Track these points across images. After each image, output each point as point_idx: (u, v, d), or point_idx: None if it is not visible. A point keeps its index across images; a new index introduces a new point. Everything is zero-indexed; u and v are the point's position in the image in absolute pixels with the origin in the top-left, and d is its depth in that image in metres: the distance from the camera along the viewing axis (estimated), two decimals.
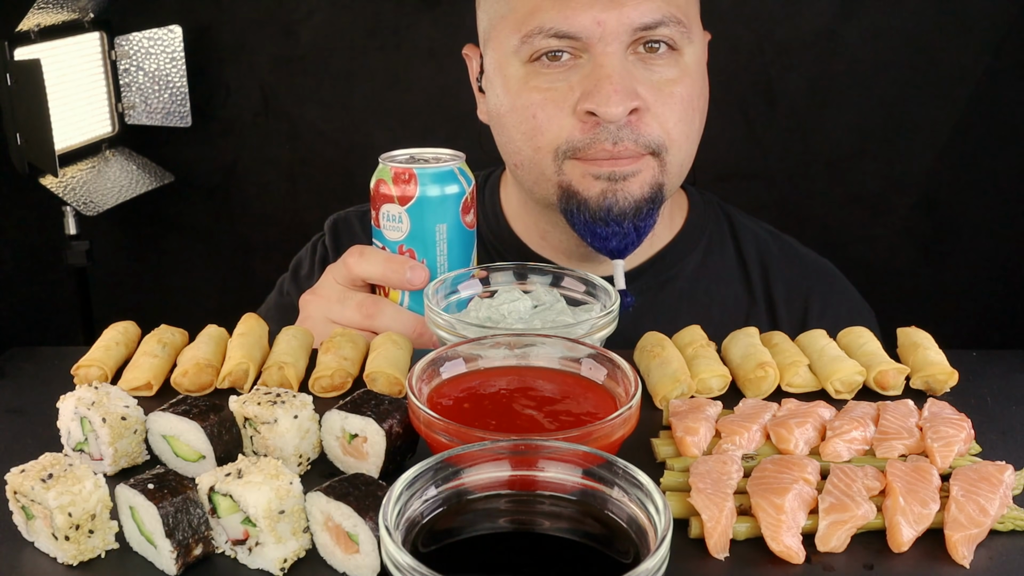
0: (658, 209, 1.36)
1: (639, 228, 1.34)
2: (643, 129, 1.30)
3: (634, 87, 1.29)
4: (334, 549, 0.82)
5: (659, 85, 1.31)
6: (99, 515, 0.84)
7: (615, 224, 1.32)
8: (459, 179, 1.22)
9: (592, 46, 1.28)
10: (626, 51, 1.29)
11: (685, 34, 1.31)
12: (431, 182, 1.19)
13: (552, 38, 1.29)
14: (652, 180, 1.33)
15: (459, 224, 1.22)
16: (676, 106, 1.32)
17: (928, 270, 2.75)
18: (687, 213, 1.54)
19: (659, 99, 1.31)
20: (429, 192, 1.19)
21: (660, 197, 1.35)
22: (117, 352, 1.14)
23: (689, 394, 1.07)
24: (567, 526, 0.78)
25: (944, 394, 1.08)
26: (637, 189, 1.32)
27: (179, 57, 2.56)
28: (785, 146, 2.69)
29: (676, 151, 1.34)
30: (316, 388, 1.09)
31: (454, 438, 0.83)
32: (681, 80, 1.32)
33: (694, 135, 1.37)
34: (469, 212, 1.23)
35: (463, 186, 1.22)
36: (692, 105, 1.34)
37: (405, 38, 2.65)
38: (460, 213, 1.22)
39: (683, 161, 1.36)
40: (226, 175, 2.83)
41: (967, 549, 0.84)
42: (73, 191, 2.42)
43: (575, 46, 1.29)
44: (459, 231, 1.23)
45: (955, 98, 2.59)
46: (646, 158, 1.32)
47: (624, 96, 1.27)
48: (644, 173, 1.32)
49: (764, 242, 1.55)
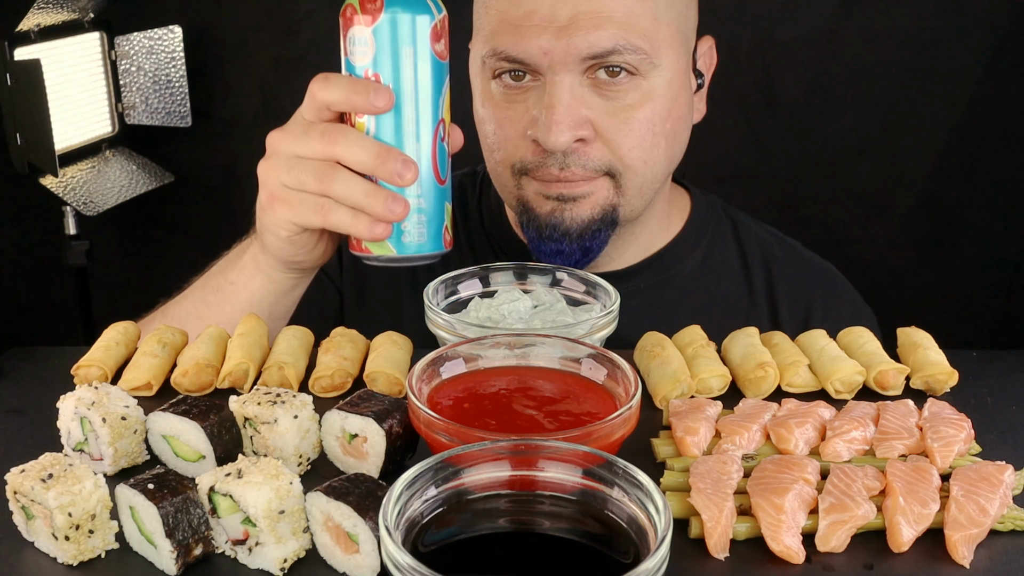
0: (612, 229, 1.35)
1: (585, 248, 1.34)
2: (591, 155, 1.29)
3: (582, 115, 1.27)
4: (334, 549, 0.82)
5: (615, 111, 1.29)
6: (99, 515, 0.84)
7: (559, 242, 1.33)
8: (429, 4, 1.15)
9: (543, 73, 1.28)
10: (582, 76, 1.28)
11: (645, 59, 1.28)
12: (399, 2, 1.14)
13: (505, 61, 1.30)
14: (605, 202, 1.33)
15: (428, 51, 1.15)
16: (633, 131, 1.30)
17: (928, 270, 2.75)
18: (688, 215, 1.54)
19: (613, 125, 1.29)
20: (396, 12, 1.14)
21: (614, 218, 1.34)
22: (117, 352, 1.14)
23: (689, 394, 1.07)
24: (567, 526, 0.78)
25: (944, 394, 1.08)
26: (587, 211, 1.32)
27: (179, 57, 2.57)
28: (785, 146, 2.69)
29: (633, 175, 1.32)
30: (316, 388, 1.09)
31: (454, 438, 0.83)
32: (642, 105, 1.30)
33: (658, 158, 1.34)
34: (439, 41, 1.17)
35: (433, 12, 1.15)
36: (655, 129, 1.31)
37: None
38: (430, 39, 1.15)
39: (644, 184, 1.34)
40: (226, 175, 2.83)
41: (967, 549, 0.84)
42: (73, 191, 2.42)
43: (530, 69, 1.29)
44: (429, 58, 1.16)
45: (955, 98, 2.59)
46: (600, 179, 1.31)
47: (567, 127, 1.26)
48: (597, 195, 1.32)
49: (767, 244, 1.55)
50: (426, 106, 1.15)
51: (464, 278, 1.19)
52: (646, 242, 1.48)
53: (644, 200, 1.37)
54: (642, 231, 1.46)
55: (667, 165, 1.37)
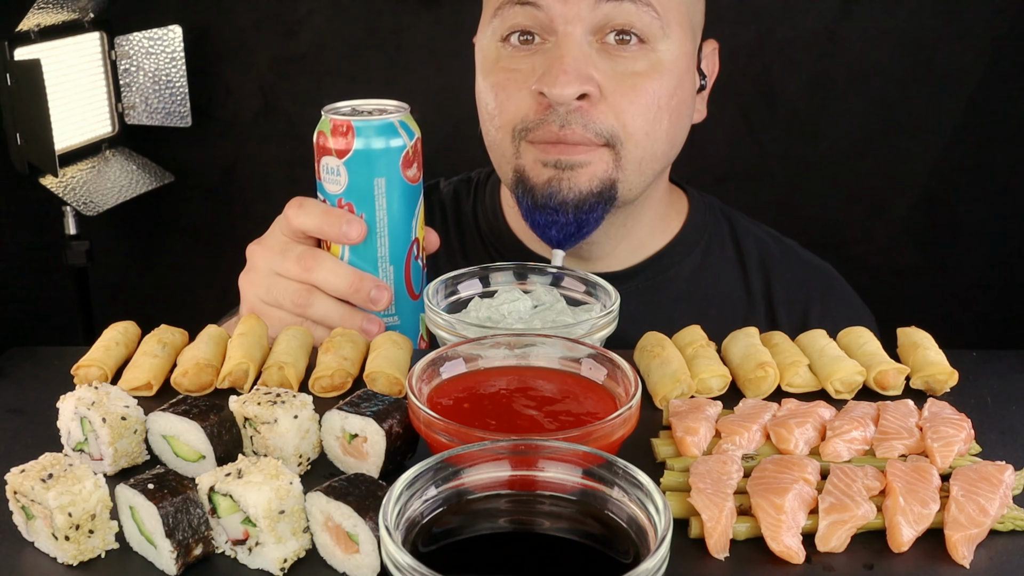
0: (609, 206, 1.33)
1: (581, 220, 1.32)
2: (594, 116, 1.28)
3: (589, 72, 1.27)
4: (334, 549, 0.82)
5: (623, 76, 1.29)
6: (99, 515, 0.84)
7: (556, 212, 1.31)
8: (400, 132, 1.18)
9: (556, 26, 1.28)
10: (591, 39, 1.28)
11: (656, 23, 1.28)
12: (369, 135, 1.17)
13: (517, 6, 1.29)
14: (603, 174, 1.31)
15: (399, 178, 1.18)
16: (638, 99, 1.29)
17: (928, 270, 2.75)
18: (686, 216, 1.53)
19: (619, 89, 1.28)
20: (366, 145, 1.17)
21: (612, 194, 1.32)
22: (117, 352, 1.14)
23: (689, 394, 1.07)
24: (567, 526, 0.78)
25: (944, 394, 1.08)
26: (585, 182, 1.30)
27: (179, 57, 2.56)
28: (785, 146, 2.69)
29: (633, 146, 1.31)
30: (316, 388, 1.09)
31: (454, 438, 0.83)
32: (649, 75, 1.29)
33: (660, 134, 1.32)
34: (411, 166, 1.19)
35: (404, 139, 1.18)
36: (659, 103, 1.30)
37: (405, 38, 2.65)
38: (400, 167, 1.18)
39: (643, 158, 1.32)
40: (226, 175, 2.83)
41: (967, 549, 0.84)
42: (73, 191, 2.42)
43: (541, 23, 1.29)
44: (400, 185, 1.19)
45: (955, 98, 2.59)
46: (599, 150, 1.29)
47: (573, 78, 1.25)
48: (595, 166, 1.30)
49: (765, 245, 1.54)
50: (398, 231, 1.20)
51: (464, 278, 1.19)
52: (639, 241, 1.47)
53: (643, 179, 1.35)
54: (635, 226, 1.45)
55: (667, 145, 1.35)
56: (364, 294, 1.17)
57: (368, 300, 1.17)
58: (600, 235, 1.40)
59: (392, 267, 1.20)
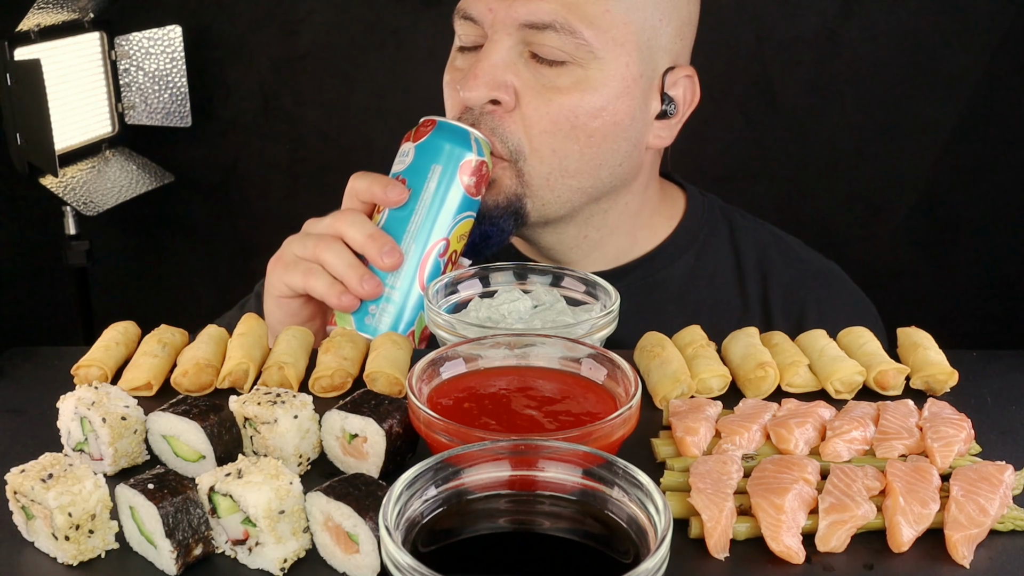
0: (518, 222, 1.34)
1: (485, 234, 1.33)
2: (505, 124, 1.29)
3: (504, 79, 1.28)
4: (334, 549, 0.82)
5: (542, 88, 1.29)
6: (99, 515, 0.84)
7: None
8: (472, 144, 1.25)
9: (487, 35, 1.31)
10: (521, 49, 1.29)
11: (583, 47, 1.26)
12: (446, 131, 1.26)
13: (463, 20, 1.34)
14: (509, 191, 1.32)
15: (455, 176, 1.24)
16: (551, 114, 1.28)
17: (928, 270, 2.75)
18: (682, 216, 1.52)
19: (534, 101, 1.28)
20: (439, 138, 1.25)
21: (519, 209, 1.33)
22: (117, 352, 1.14)
23: (689, 394, 1.07)
24: (567, 526, 0.78)
25: (944, 394, 1.08)
26: (491, 199, 1.32)
27: (179, 57, 2.57)
28: (785, 146, 2.69)
29: (538, 161, 1.30)
30: (316, 388, 1.09)
31: (454, 438, 0.83)
32: (569, 91, 1.28)
33: (571, 153, 1.30)
34: (472, 176, 1.25)
35: (474, 152, 1.25)
36: (575, 120, 1.29)
37: (405, 38, 2.65)
38: (460, 169, 1.24)
39: (550, 175, 1.31)
40: (226, 175, 2.83)
41: (967, 549, 0.84)
42: (73, 191, 2.42)
43: (480, 34, 1.32)
44: (453, 182, 1.24)
45: (955, 98, 2.59)
46: (503, 165, 1.31)
47: (484, 83, 1.27)
48: (500, 181, 1.32)
49: (765, 247, 1.52)
50: (435, 219, 1.25)
51: (464, 278, 1.19)
52: (617, 250, 1.46)
53: (557, 198, 1.34)
54: (604, 239, 1.44)
55: (584, 165, 1.33)
56: (377, 247, 1.21)
57: (379, 254, 1.21)
58: (553, 241, 1.42)
59: (415, 246, 1.23)
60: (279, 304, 1.28)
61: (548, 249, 1.45)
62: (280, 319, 1.29)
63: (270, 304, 1.30)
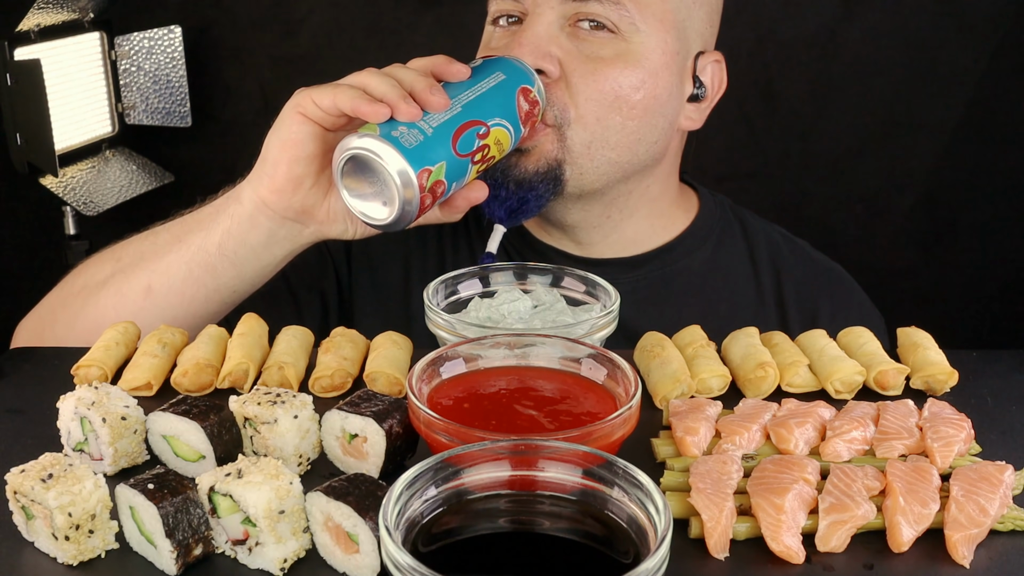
0: (555, 188, 1.34)
1: (522, 198, 1.33)
2: (549, 91, 1.29)
3: (549, 50, 1.29)
4: (334, 549, 0.82)
5: (586, 59, 1.30)
6: (99, 515, 0.84)
7: (498, 187, 1.33)
8: (535, 83, 1.25)
9: (528, 9, 1.31)
10: (563, 22, 1.30)
11: (627, 18, 1.29)
12: (515, 62, 1.26)
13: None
14: (549, 155, 1.32)
15: (513, 91, 1.23)
16: (596, 84, 1.30)
17: (928, 270, 2.75)
18: (696, 212, 1.53)
19: (578, 71, 1.30)
20: (510, 62, 1.25)
21: (558, 176, 1.33)
22: (117, 352, 1.14)
23: (689, 394, 1.07)
24: (567, 526, 0.78)
25: (944, 394, 1.08)
26: (532, 164, 1.32)
27: (179, 57, 2.56)
28: (785, 146, 2.69)
29: (581, 128, 1.31)
30: (316, 388, 1.09)
31: (454, 438, 0.83)
32: (613, 62, 1.30)
33: (613, 124, 1.32)
34: (527, 105, 1.24)
35: (535, 90, 1.25)
36: (620, 90, 1.30)
37: (405, 38, 2.65)
38: (519, 91, 1.24)
39: (592, 143, 1.32)
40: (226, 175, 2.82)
41: (967, 549, 0.84)
42: (73, 191, 2.42)
43: (522, 9, 1.33)
44: (510, 94, 1.23)
45: (955, 98, 2.59)
46: (546, 131, 1.31)
47: (529, 51, 1.27)
48: (542, 147, 1.32)
49: (776, 245, 1.54)
50: (484, 102, 1.21)
51: (464, 278, 1.19)
52: (635, 235, 1.46)
53: (595, 169, 1.35)
54: (624, 221, 1.45)
55: (623, 139, 1.34)
56: (427, 84, 1.15)
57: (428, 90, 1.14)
58: (579, 219, 1.42)
59: (460, 110, 1.19)
60: (299, 121, 1.23)
61: (572, 227, 1.44)
62: (289, 138, 1.25)
63: (286, 120, 1.25)
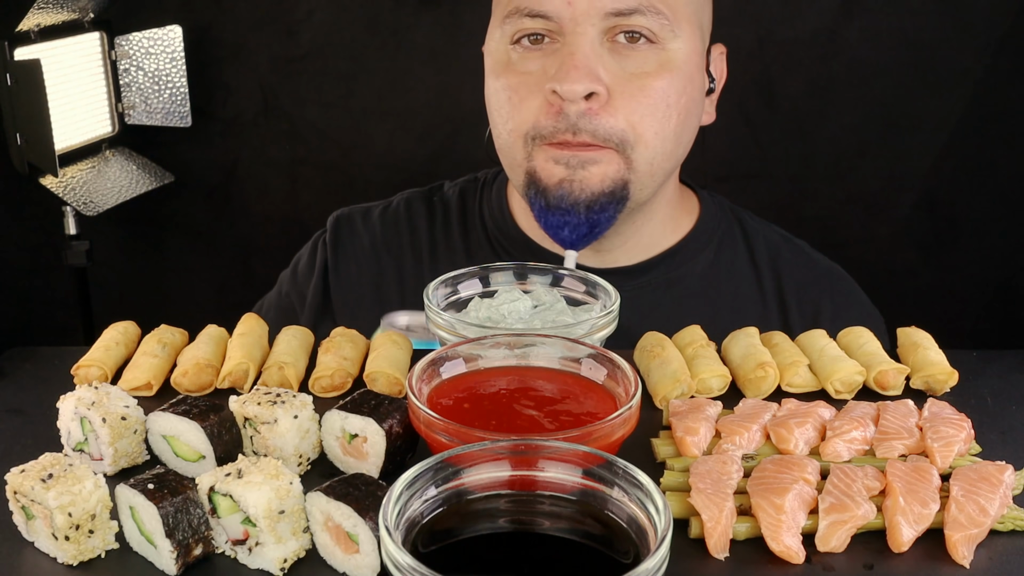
0: (620, 207, 1.33)
1: (592, 221, 1.32)
2: (604, 119, 1.28)
3: (598, 72, 1.27)
4: (334, 549, 0.82)
5: (632, 76, 1.29)
6: (99, 515, 0.84)
7: (568, 213, 1.31)
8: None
9: (565, 29, 1.28)
10: (602, 38, 1.28)
11: (667, 27, 1.28)
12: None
13: (527, 18, 1.30)
14: (615, 175, 1.31)
15: None
16: (647, 99, 1.29)
17: (928, 270, 2.75)
18: (698, 215, 1.53)
19: (627, 90, 1.29)
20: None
21: (624, 194, 1.32)
22: (117, 352, 1.14)
23: (689, 394, 1.07)
24: (567, 526, 0.78)
25: (944, 394, 1.08)
26: (597, 183, 1.30)
27: (179, 57, 2.56)
28: (785, 146, 2.68)
29: (644, 148, 1.31)
30: (316, 388, 1.09)
31: (454, 438, 0.83)
32: (659, 74, 1.29)
33: (668, 134, 1.32)
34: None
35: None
36: (668, 101, 1.30)
37: (405, 38, 2.64)
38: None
39: (654, 159, 1.32)
40: (226, 175, 2.83)
41: (967, 549, 0.84)
42: (73, 191, 2.42)
43: (551, 28, 1.30)
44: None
45: (955, 98, 2.58)
46: (608, 151, 1.30)
47: (584, 74, 1.26)
48: (605, 165, 1.30)
49: (776, 245, 1.54)
50: None
51: (464, 278, 1.19)
52: (650, 238, 1.47)
53: (654, 180, 1.35)
54: (646, 224, 1.45)
55: (676, 144, 1.35)
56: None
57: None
58: (611, 232, 1.40)
59: None
60: None
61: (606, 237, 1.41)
62: None
63: None
